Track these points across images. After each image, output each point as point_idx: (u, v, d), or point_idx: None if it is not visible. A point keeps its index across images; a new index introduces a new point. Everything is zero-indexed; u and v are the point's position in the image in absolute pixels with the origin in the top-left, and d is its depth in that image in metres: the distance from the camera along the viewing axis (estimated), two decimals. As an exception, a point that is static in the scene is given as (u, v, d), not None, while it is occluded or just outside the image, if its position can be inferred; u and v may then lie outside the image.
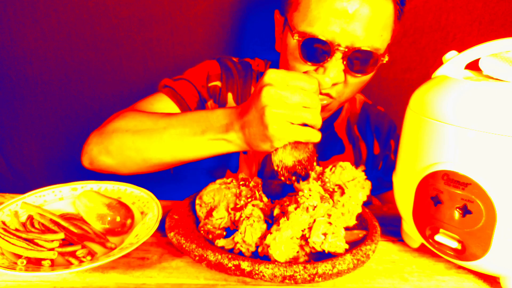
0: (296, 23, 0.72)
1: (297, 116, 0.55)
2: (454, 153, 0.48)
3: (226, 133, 0.61)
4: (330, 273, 0.50)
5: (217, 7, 1.05)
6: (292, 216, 0.54)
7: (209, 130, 0.62)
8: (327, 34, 0.69)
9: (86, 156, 0.74)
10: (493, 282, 0.55)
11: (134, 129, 0.69)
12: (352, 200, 0.60)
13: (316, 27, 0.69)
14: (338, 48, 0.69)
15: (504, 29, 1.10)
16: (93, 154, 0.73)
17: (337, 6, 0.67)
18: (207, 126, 0.63)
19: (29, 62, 1.08)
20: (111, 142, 0.71)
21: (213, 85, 0.87)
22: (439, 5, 1.08)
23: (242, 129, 0.60)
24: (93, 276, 0.52)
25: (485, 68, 0.52)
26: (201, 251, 0.53)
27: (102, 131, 0.73)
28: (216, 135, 0.62)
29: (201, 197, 0.63)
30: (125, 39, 1.07)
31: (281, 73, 0.55)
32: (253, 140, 0.59)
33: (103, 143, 0.72)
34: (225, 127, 0.61)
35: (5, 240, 0.53)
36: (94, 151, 0.73)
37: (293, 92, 0.54)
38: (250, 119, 0.58)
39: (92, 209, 0.61)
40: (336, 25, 0.68)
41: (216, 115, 0.63)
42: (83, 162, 0.76)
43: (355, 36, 0.68)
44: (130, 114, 0.74)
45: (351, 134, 0.96)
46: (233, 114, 0.62)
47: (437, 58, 0.58)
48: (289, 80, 0.55)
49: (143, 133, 0.68)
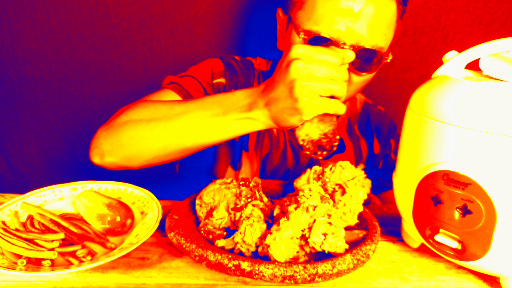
0: (301, 22, 0.73)
1: (326, 88, 0.56)
2: (454, 153, 0.48)
3: (250, 111, 0.61)
4: (330, 273, 0.50)
5: (217, 7, 1.05)
6: (292, 216, 0.54)
7: (231, 110, 0.62)
8: (333, 32, 0.69)
9: (96, 151, 0.72)
10: (493, 282, 0.55)
11: (148, 118, 0.68)
12: (353, 199, 0.60)
13: (321, 26, 0.70)
14: (343, 47, 0.69)
15: (504, 29, 1.10)
16: (104, 149, 0.71)
17: (343, 5, 0.68)
18: (228, 107, 0.63)
19: (29, 62, 1.08)
20: (124, 134, 0.69)
21: (218, 82, 0.88)
22: (439, 5, 1.08)
23: (267, 105, 0.60)
24: (93, 276, 0.52)
25: (485, 68, 0.52)
26: (201, 251, 0.53)
27: (112, 124, 0.71)
28: (239, 114, 0.62)
29: (201, 197, 0.63)
30: (125, 39, 1.07)
31: (307, 47, 0.57)
32: (280, 115, 0.59)
33: (114, 136, 0.70)
34: (248, 106, 0.62)
35: (5, 240, 0.53)
36: (105, 146, 0.70)
37: (320, 65, 0.56)
38: (277, 95, 0.58)
39: (92, 209, 0.61)
40: (342, 24, 0.68)
41: (236, 96, 0.63)
42: (92, 158, 0.73)
43: (360, 35, 0.69)
44: (140, 105, 0.72)
45: (352, 133, 0.96)
46: (255, 93, 0.62)
47: (437, 58, 0.58)
48: (315, 54, 0.56)
49: (160, 120, 0.67)
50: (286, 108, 0.58)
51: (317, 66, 0.56)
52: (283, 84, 0.57)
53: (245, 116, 0.62)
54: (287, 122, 0.60)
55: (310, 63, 0.56)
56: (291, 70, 0.56)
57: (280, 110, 0.59)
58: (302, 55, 0.56)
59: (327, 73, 0.56)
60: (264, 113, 0.61)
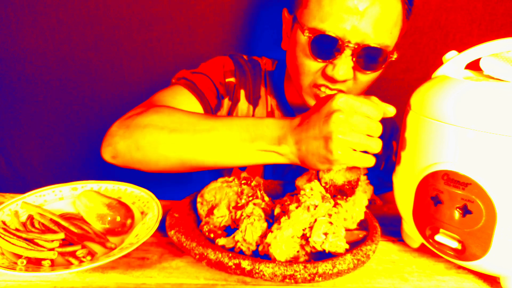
0: (307, 20, 0.73)
1: (362, 145, 0.55)
2: (454, 153, 0.48)
3: (279, 146, 0.60)
4: (330, 272, 0.50)
5: (217, 7, 1.05)
6: (293, 214, 0.54)
7: (260, 139, 0.60)
8: (338, 31, 0.69)
9: (110, 149, 0.68)
10: (493, 282, 0.55)
11: (171, 127, 0.65)
12: (356, 206, 0.60)
13: (326, 24, 0.70)
14: (348, 45, 0.69)
15: (504, 29, 1.10)
16: (118, 149, 0.67)
17: (348, 4, 0.68)
18: (257, 135, 0.61)
19: (29, 62, 1.08)
20: (143, 137, 0.65)
21: (229, 81, 0.87)
22: (439, 5, 1.08)
23: (297, 144, 0.59)
24: (93, 276, 0.52)
25: (485, 68, 0.52)
26: (202, 249, 0.53)
27: (129, 124, 0.67)
28: (267, 146, 0.60)
29: (203, 195, 0.63)
30: (125, 39, 1.07)
31: (351, 99, 0.55)
32: (310, 159, 0.58)
33: (132, 137, 0.66)
34: (278, 139, 0.60)
35: (5, 240, 0.53)
36: (120, 145, 0.67)
37: (360, 120, 0.55)
38: (311, 138, 0.57)
39: (92, 209, 0.61)
40: (347, 22, 0.68)
41: (266, 125, 0.61)
42: (103, 155, 0.69)
43: (365, 34, 0.69)
44: (164, 110, 0.69)
45: None
46: (286, 127, 0.60)
47: (437, 58, 0.58)
48: (358, 107, 0.55)
49: (183, 132, 0.64)
50: (317, 155, 0.57)
51: (358, 121, 0.55)
52: (320, 131, 0.56)
53: (272, 149, 0.60)
54: (314, 166, 0.59)
55: (351, 116, 0.55)
56: (332, 121, 0.54)
57: (311, 154, 0.57)
58: (344, 107, 0.55)
59: (366, 129, 0.55)
60: (293, 151, 0.59)
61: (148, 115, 0.68)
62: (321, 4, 0.70)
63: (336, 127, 0.54)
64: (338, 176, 0.59)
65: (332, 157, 0.55)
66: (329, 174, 0.59)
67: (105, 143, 0.69)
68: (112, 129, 0.69)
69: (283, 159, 0.61)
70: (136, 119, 0.67)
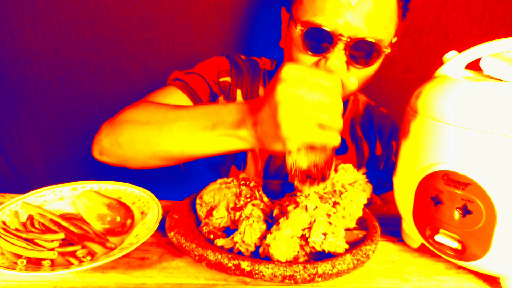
0: (300, 15, 0.73)
1: (313, 116, 0.49)
2: (454, 153, 0.48)
3: (238, 129, 0.57)
4: (330, 273, 0.50)
5: (217, 7, 1.05)
6: (292, 215, 0.54)
7: (220, 124, 0.58)
8: (330, 24, 0.69)
9: (97, 146, 0.71)
10: (493, 282, 0.55)
11: (144, 121, 0.66)
12: (354, 203, 0.60)
13: (319, 17, 0.70)
14: (341, 39, 0.69)
15: (504, 29, 1.10)
16: (103, 145, 0.70)
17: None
18: (218, 121, 0.58)
19: (29, 62, 1.08)
20: (121, 133, 0.67)
21: (224, 81, 0.87)
22: (439, 5, 1.08)
23: (254, 126, 0.55)
24: (93, 276, 0.52)
25: (486, 68, 0.52)
26: (201, 250, 0.53)
27: (113, 122, 0.70)
28: (226, 130, 0.58)
29: (202, 196, 0.63)
30: (125, 39, 1.07)
31: (299, 68, 0.50)
32: (265, 139, 0.55)
33: (113, 134, 0.69)
34: (237, 123, 0.57)
35: (5, 240, 0.53)
36: (104, 142, 0.70)
37: (311, 89, 0.49)
38: (263, 116, 0.53)
39: (92, 209, 0.61)
40: (339, 15, 0.68)
41: (228, 110, 0.59)
42: (93, 153, 0.73)
43: (358, 28, 0.69)
44: (141, 105, 0.71)
45: (354, 135, 0.96)
46: (246, 110, 0.57)
47: (437, 58, 0.58)
48: (308, 77, 0.49)
49: (153, 125, 0.65)
50: (270, 133, 0.53)
51: (307, 90, 0.48)
52: (269, 106, 0.51)
53: (232, 133, 0.57)
54: (272, 147, 0.55)
55: (300, 86, 0.49)
56: (277, 92, 0.49)
57: (265, 133, 0.54)
58: (292, 77, 0.49)
59: (318, 99, 0.48)
60: (251, 133, 0.56)
61: (127, 111, 0.70)
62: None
63: (281, 98, 0.49)
64: (300, 158, 0.53)
65: (281, 132, 0.50)
66: (291, 156, 0.53)
67: (94, 141, 0.72)
68: (101, 128, 0.72)
69: (244, 143, 0.58)
70: (118, 117, 0.70)
